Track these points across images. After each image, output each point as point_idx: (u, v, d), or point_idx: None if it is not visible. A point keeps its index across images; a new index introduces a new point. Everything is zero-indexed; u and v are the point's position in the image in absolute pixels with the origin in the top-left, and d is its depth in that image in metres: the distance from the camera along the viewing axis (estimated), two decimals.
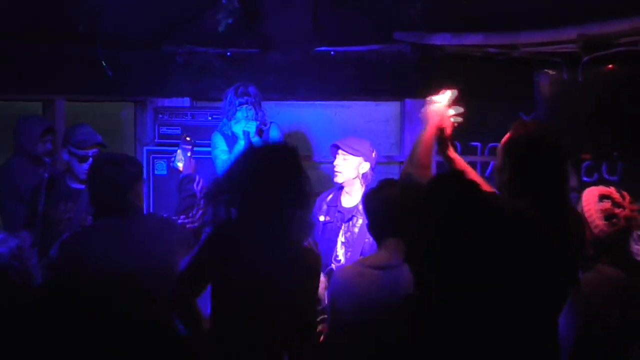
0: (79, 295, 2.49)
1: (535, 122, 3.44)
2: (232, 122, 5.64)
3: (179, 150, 4.46)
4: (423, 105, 3.79)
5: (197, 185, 4.20)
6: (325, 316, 3.68)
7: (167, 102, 7.02)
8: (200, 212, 4.05)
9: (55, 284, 3.19)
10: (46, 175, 5.19)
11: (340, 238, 4.82)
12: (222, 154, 5.64)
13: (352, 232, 4.80)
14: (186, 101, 7.05)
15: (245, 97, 5.61)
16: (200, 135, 6.24)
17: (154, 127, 6.72)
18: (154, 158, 6.53)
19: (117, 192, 3.72)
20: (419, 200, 3.26)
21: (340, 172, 4.97)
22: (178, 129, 6.61)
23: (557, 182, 3.01)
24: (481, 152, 6.79)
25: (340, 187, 5.05)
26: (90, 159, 5.15)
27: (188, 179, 4.24)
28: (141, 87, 6.88)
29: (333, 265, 4.69)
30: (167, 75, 6.88)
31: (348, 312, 3.35)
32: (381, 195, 3.47)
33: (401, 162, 6.77)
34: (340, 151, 5.00)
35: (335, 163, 4.99)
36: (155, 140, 6.71)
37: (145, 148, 6.67)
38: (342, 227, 4.82)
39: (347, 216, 4.86)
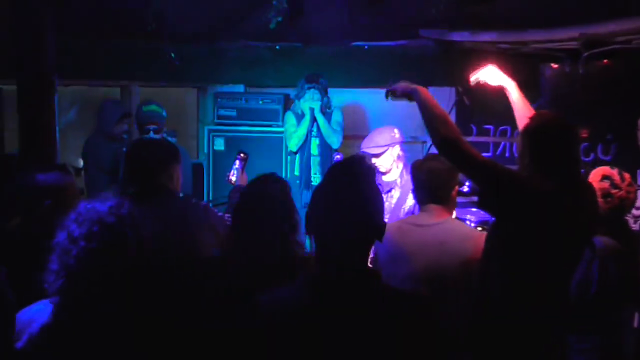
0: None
1: (549, 112, 3.33)
2: (301, 100, 5.75)
3: (235, 164, 4.14)
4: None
5: None
6: None
7: (224, 88, 6.93)
8: None
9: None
10: (124, 149, 4.92)
11: None
12: (291, 128, 5.80)
13: (390, 203, 4.65)
14: (240, 87, 6.99)
15: (313, 83, 5.72)
16: (252, 116, 6.43)
17: (214, 109, 6.63)
18: (213, 135, 6.48)
19: (145, 175, 3.28)
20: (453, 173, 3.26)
21: (381, 166, 4.77)
22: (233, 110, 6.53)
23: (570, 161, 2.94)
24: (493, 134, 6.63)
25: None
26: (152, 132, 5.13)
27: (237, 189, 3.76)
28: (202, 75, 6.86)
29: None
30: (225, 65, 6.82)
31: (385, 264, 3.22)
32: (426, 166, 3.35)
33: (424, 142, 6.60)
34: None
35: (374, 163, 4.73)
36: (215, 120, 6.61)
37: (206, 127, 6.63)
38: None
39: (386, 188, 4.71)
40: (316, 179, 5.83)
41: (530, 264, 2.81)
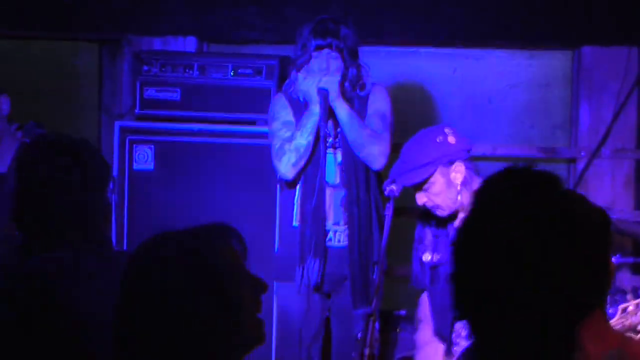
0: None
1: None
2: (301, 75, 4.49)
3: None
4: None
5: None
6: None
7: (157, 42, 5.49)
8: None
9: None
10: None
11: None
12: (283, 130, 4.49)
13: None
14: (191, 42, 5.50)
15: (329, 38, 4.44)
16: (214, 102, 5.02)
17: (134, 86, 5.20)
18: (131, 141, 5.01)
19: (76, 207, 2.50)
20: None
21: (436, 206, 3.85)
22: (175, 90, 5.05)
23: None
24: None
25: None
26: None
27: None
28: (112, 15, 5.47)
29: (457, 349, 3.72)
30: None
31: None
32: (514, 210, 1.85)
33: (571, 159, 4.90)
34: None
35: (426, 203, 3.93)
36: (136, 110, 5.13)
37: (117, 123, 5.16)
38: None
39: None
40: (337, 234, 4.48)
41: None
